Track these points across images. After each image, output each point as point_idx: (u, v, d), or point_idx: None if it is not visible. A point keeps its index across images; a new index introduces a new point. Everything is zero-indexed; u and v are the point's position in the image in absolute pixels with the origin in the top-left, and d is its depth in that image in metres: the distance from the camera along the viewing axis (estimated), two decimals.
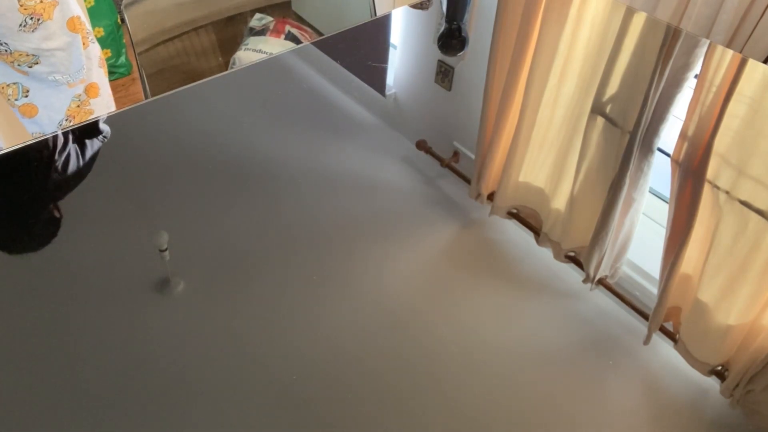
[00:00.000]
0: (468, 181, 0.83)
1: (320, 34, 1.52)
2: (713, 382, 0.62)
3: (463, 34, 1.17)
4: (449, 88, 1.01)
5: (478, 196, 0.82)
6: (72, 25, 1.04)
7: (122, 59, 2.32)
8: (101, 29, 2.17)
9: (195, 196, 0.77)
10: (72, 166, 0.79)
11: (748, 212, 0.79)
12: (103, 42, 2.19)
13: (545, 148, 0.88)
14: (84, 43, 1.09)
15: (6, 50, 0.99)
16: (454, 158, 0.87)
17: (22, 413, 0.54)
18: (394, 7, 1.42)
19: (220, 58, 1.45)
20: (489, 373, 0.61)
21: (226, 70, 0.99)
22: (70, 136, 0.83)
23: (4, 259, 0.67)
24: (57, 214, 0.73)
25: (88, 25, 1.12)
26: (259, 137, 0.86)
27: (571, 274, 0.72)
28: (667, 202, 0.81)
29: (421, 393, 0.58)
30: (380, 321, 0.65)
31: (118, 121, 0.87)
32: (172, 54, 1.34)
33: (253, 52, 1.41)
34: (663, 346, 0.65)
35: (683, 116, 0.93)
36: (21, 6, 0.95)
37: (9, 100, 1.09)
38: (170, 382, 0.58)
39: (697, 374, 0.62)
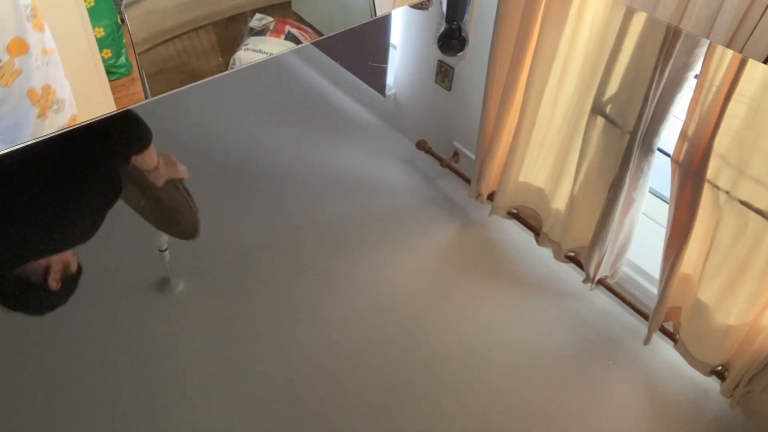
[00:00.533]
0: (468, 181, 0.83)
1: (320, 34, 1.52)
2: (713, 382, 0.62)
3: (463, 34, 1.17)
4: (449, 88, 1.01)
5: (478, 196, 0.82)
6: (33, 96, 0.97)
7: (122, 59, 2.32)
8: (101, 29, 2.16)
9: (195, 196, 0.77)
10: (73, 167, 0.79)
11: (748, 212, 0.79)
12: (103, 42, 2.19)
13: (545, 148, 0.88)
14: (42, 114, 1.00)
15: None
16: (454, 158, 0.87)
17: (22, 412, 0.54)
18: (394, 7, 1.42)
19: (220, 58, 1.45)
20: (489, 373, 0.61)
21: (226, 70, 0.99)
22: (72, 137, 0.83)
23: (5, 260, 0.67)
24: (58, 214, 0.73)
25: (60, 93, 1.03)
26: (259, 137, 0.86)
27: (571, 274, 0.72)
28: (667, 202, 0.81)
29: (420, 392, 0.58)
30: (380, 320, 0.65)
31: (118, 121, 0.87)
32: (172, 54, 1.34)
33: (253, 52, 1.41)
34: (663, 346, 0.65)
35: (683, 116, 0.93)
36: None
37: None
38: (170, 382, 0.58)
39: (697, 374, 0.62)
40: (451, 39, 1.15)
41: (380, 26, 1.19)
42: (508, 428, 0.57)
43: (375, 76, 1.03)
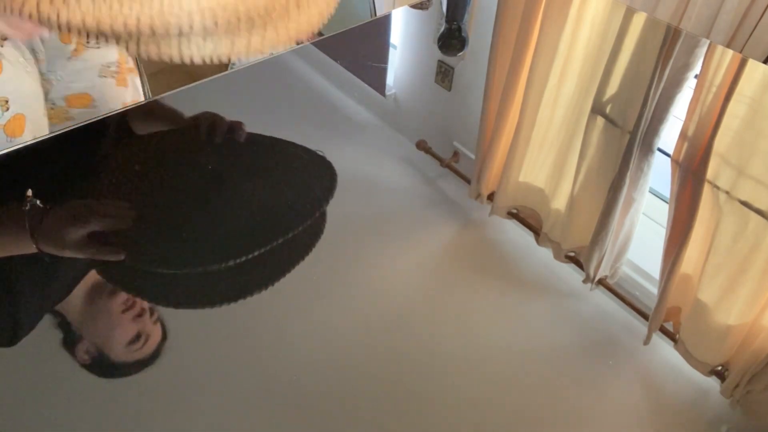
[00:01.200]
0: (468, 181, 0.83)
1: (320, 34, 1.52)
2: (713, 382, 0.62)
3: (463, 34, 1.17)
4: (449, 88, 1.01)
5: (478, 196, 0.82)
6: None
7: None
8: None
9: (194, 197, 0.77)
10: (74, 165, 0.79)
11: (748, 212, 0.79)
12: None
13: (545, 148, 0.88)
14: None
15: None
16: (454, 158, 0.87)
17: (23, 412, 0.54)
18: (394, 7, 1.42)
19: None
20: (489, 373, 0.61)
21: (226, 70, 0.99)
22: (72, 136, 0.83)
23: (8, 259, 0.67)
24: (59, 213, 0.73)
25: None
26: None
27: (571, 274, 0.72)
28: (667, 202, 0.81)
29: (420, 392, 0.58)
30: (380, 320, 0.65)
31: (119, 120, 0.87)
32: None
33: None
34: (663, 346, 0.65)
35: (683, 116, 0.93)
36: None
37: None
38: (170, 381, 0.58)
39: (697, 374, 0.62)
40: (451, 39, 1.15)
41: (380, 26, 1.19)
42: (508, 428, 0.57)
43: (375, 76, 1.03)
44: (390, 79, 1.03)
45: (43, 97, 0.91)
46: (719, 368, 0.63)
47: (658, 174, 0.84)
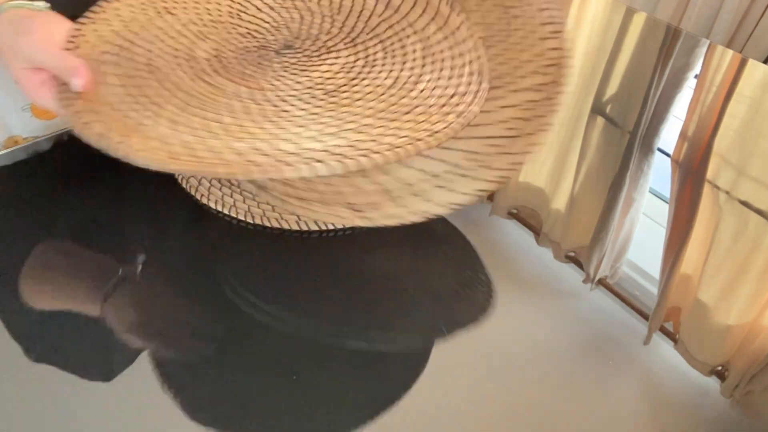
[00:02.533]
0: None
1: None
2: (713, 382, 0.62)
3: None
4: None
5: None
6: None
7: None
8: None
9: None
10: (75, 167, 0.79)
11: (748, 212, 0.79)
12: None
13: (545, 148, 0.88)
14: None
15: None
16: None
17: (20, 411, 0.54)
18: None
19: None
20: (488, 373, 0.61)
21: None
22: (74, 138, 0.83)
23: (12, 260, 0.67)
24: (60, 214, 0.73)
25: None
26: None
27: (571, 274, 0.72)
28: (667, 202, 0.81)
29: (418, 391, 0.58)
30: (379, 319, 0.65)
31: None
32: None
33: None
34: (663, 346, 0.65)
35: (683, 116, 0.93)
36: None
37: None
38: (170, 380, 0.58)
39: (697, 374, 0.62)
40: None
41: None
42: (508, 427, 0.57)
43: None
44: None
45: None
46: (719, 368, 0.63)
47: (658, 174, 0.84)
